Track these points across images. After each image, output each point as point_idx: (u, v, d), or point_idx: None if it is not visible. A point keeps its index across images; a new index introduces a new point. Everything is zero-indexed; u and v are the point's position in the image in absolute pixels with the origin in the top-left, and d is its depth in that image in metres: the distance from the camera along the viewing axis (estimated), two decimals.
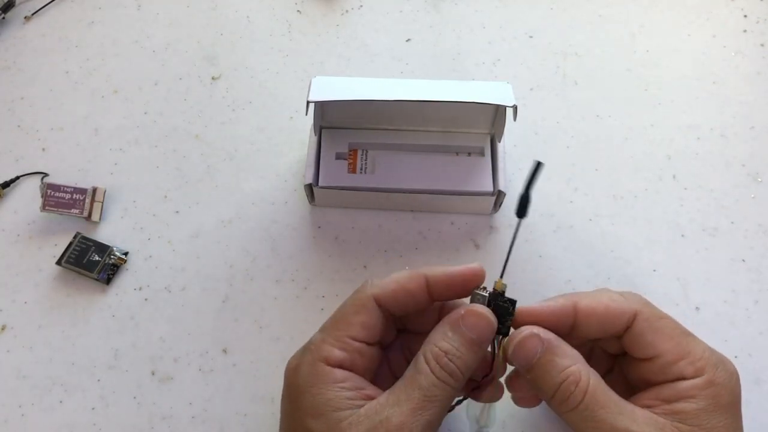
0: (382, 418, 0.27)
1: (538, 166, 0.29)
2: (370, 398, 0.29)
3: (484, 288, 0.31)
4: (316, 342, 0.30)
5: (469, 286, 0.31)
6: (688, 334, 0.31)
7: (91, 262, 0.41)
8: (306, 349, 0.31)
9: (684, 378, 0.29)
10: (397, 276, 0.31)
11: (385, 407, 0.28)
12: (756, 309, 0.41)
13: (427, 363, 0.29)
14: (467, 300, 0.32)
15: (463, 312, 0.30)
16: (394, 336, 0.34)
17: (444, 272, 0.31)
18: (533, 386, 0.30)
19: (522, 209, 0.30)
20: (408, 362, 0.33)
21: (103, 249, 0.42)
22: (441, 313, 0.33)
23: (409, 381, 0.29)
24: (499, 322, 0.31)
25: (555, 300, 0.32)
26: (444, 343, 0.29)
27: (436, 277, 0.31)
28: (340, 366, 0.29)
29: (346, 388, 0.29)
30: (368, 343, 0.30)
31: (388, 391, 0.29)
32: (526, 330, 0.30)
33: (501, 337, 0.31)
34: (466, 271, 0.31)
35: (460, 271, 0.31)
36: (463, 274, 0.31)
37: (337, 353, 0.30)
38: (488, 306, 0.31)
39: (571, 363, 0.29)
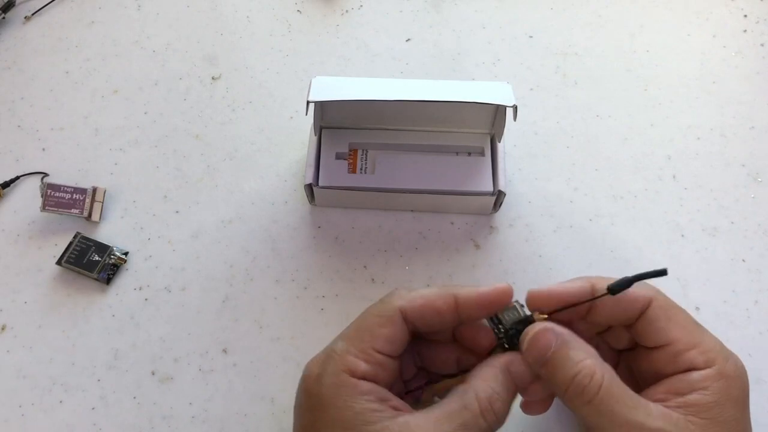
0: None
1: (662, 273, 0.30)
2: (397, 409, 0.29)
3: (522, 306, 0.31)
4: (340, 352, 0.30)
5: (498, 306, 0.31)
6: (699, 325, 0.31)
7: (91, 262, 0.41)
8: (329, 358, 0.30)
9: (695, 368, 0.29)
10: (426, 292, 0.31)
11: (422, 430, 0.27)
12: (756, 309, 0.41)
13: (479, 402, 0.28)
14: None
15: (512, 359, 0.30)
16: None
17: (475, 292, 0.31)
18: (547, 381, 0.30)
19: (617, 289, 0.30)
20: (416, 367, 0.33)
21: (103, 249, 0.42)
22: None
23: (454, 414, 0.28)
24: (506, 335, 0.31)
25: (573, 282, 0.32)
26: (496, 385, 0.29)
27: (466, 297, 0.30)
28: (364, 378, 0.29)
29: (372, 400, 0.28)
30: (391, 357, 0.30)
31: (424, 411, 0.28)
32: (540, 325, 0.30)
33: (500, 349, 0.32)
34: (496, 291, 0.31)
35: (491, 291, 0.31)
36: (493, 294, 0.31)
37: (363, 366, 0.29)
38: (511, 328, 0.31)
39: (585, 357, 0.29)
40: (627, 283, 0.30)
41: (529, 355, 0.30)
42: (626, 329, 0.33)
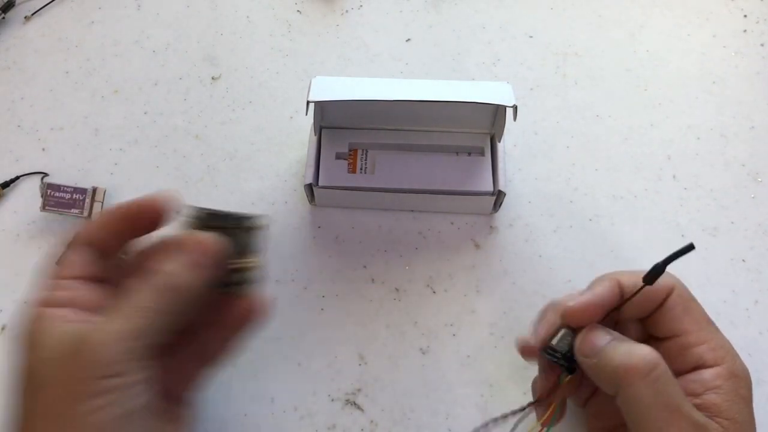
0: (81, 327, 0.27)
1: (689, 248, 0.29)
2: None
3: (570, 328, 0.32)
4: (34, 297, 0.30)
5: (146, 218, 0.31)
6: (711, 323, 0.32)
7: None
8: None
9: (704, 365, 0.30)
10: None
11: (90, 321, 0.27)
12: (756, 309, 0.41)
13: (142, 278, 0.28)
14: None
15: (184, 238, 0.30)
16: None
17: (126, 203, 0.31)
18: (596, 370, 0.30)
19: (652, 278, 0.30)
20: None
21: None
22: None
23: (120, 297, 0.28)
24: (567, 360, 0.31)
25: (600, 285, 0.31)
26: (158, 263, 0.28)
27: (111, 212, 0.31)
28: (56, 305, 0.28)
29: (58, 320, 0.28)
30: (82, 278, 0.30)
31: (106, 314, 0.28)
32: (596, 325, 0.31)
33: (566, 375, 0.32)
34: (140, 205, 0.31)
35: (136, 205, 0.31)
36: (135, 210, 0.31)
37: (48, 294, 0.29)
38: (568, 351, 0.31)
39: (641, 345, 0.29)
40: (660, 268, 0.30)
41: (583, 348, 0.30)
42: (639, 323, 0.33)
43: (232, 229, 0.30)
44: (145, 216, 0.31)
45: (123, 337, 0.26)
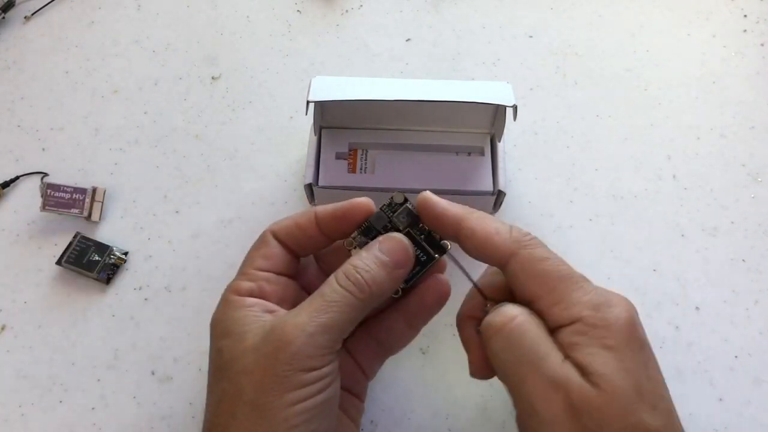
0: (280, 321, 0.28)
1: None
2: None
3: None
4: (230, 282, 0.32)
5: (354, 217, 0.32)
6: (568, 278, 0.29)
7: (91, 262, 0.41)
8: (223, 291, 0.32)
9: (561, 325, 0.28)
10: (292, 214, 0.33)
11: (286, 314, 0.29)
12: (756, 309, 0.41)
13: (335, 276, 0.29)
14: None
15: (381, 238, 0.31)
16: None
17: (332, 206, 0.32)
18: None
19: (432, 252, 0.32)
20: (373, 349, 0.34)
21: (103, 249, 0.42)
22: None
23: (315, 293, 0.29)
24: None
25: (455, 206, 0.32)
26: (355, 260, 0.30)
27: (323, 211, 0.32)
28: (250, 295, 0.31)
29: (255, 309, 0.30)
30: (275, 273, 0.32)
31: (300, 305, 0.30)
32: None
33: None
34: (350, 204, 0.32)
35: (345, 204, 0.32)
36: (347, 207, 0.32)
37: (245, 284, 0.31)
38: None
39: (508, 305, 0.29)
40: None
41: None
42: None
43: (394, 216, 0.32)
44: (341, 222, 0.32)
45: (320, 331, 0.28)
